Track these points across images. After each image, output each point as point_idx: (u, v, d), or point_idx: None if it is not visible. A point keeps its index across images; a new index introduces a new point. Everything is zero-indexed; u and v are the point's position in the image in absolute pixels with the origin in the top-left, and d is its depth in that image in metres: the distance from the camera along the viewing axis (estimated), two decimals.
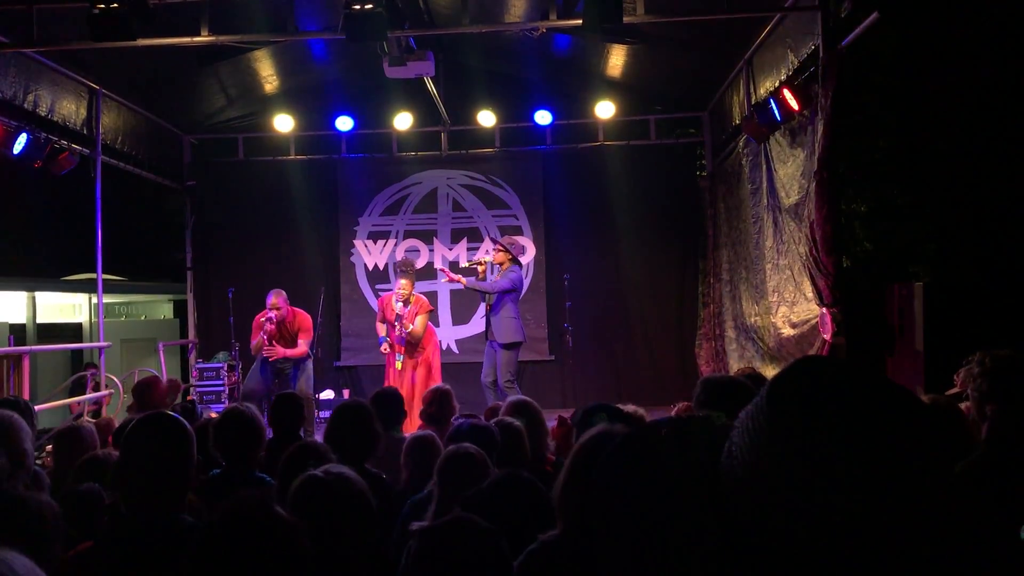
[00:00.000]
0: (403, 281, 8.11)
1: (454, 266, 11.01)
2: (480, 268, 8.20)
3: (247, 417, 3.53)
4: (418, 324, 8.06)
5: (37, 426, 4.16)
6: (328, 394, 10.22)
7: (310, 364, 8.22)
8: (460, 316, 10.96)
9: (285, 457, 3.15)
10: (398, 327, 8.03)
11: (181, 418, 2.52)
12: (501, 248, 8.09)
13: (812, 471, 0.89)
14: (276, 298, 7.98)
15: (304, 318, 8.16)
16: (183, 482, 2.43)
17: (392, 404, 4.82)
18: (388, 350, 8.18)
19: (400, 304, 8.07)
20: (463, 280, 8.07)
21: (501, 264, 8.07)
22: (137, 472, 2.40)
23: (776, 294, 8.20)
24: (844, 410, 0.91)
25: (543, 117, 10.66)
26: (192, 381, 10.30)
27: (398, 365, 8.03)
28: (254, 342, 7.96)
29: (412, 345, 8.12)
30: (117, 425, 4.88)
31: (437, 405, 5.04)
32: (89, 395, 9.00)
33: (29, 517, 2.29)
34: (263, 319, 7.92)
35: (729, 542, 0.95)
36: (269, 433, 4.05)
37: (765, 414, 0.94)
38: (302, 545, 1.80)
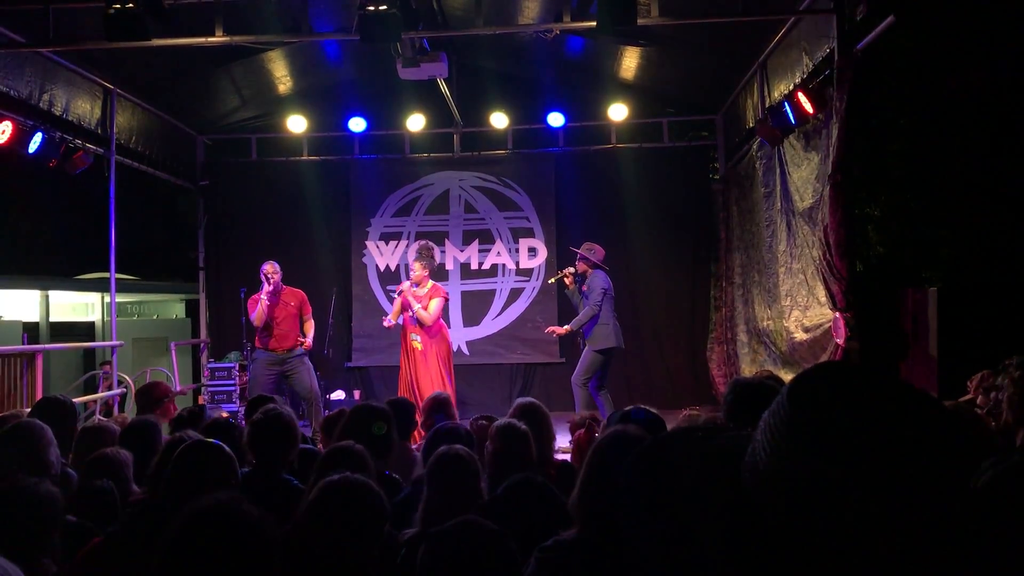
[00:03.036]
0: (416, 264, 8.13)
1: (466, 268, 11.02)
2: (568, 280, 8.25)
3: (284, 419, 3.53)
4: (431, 306, 8.03)
5: (80, 423, 4.20)
6: (339, 394, 10.23)
7: (308, 359, 8.29)
8: (471, 318, 10.96)
9: (321, 460, 3.14)
10: (410, 311, 8.02)
11: (226, 448, 2.83)
12: (581, 257, 8.15)
13: (832, 469, 0.90)
14: (273, 265, 8.20)
15: (301, 292, 8.41)
16: None
17: (404, 414, 4.81)
18: (394, 319, 8.16)
19: (411, 287, 8.06)
20: (567, 329, 8.16)
21: (584, 273, 8.14)
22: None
23: (789, 298, 8.17)
24: (864, 410, 0.92)
25: (556, 119, 10.65)
26: (203, 380, 10.33)
27: (417, 345, 8.02)
28: (254, 314, 8.08)
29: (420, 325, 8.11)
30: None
31: (436, 414, 5.01)
32: (101, 394, 9.04)
33: (27, 504, 2.49)
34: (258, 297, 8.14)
35: (751, 542, 0.96)
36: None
37: (787, 413, 0.95)
38: (270, 541, 1.83)
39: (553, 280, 8.93)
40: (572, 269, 8.30)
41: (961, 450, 0.92)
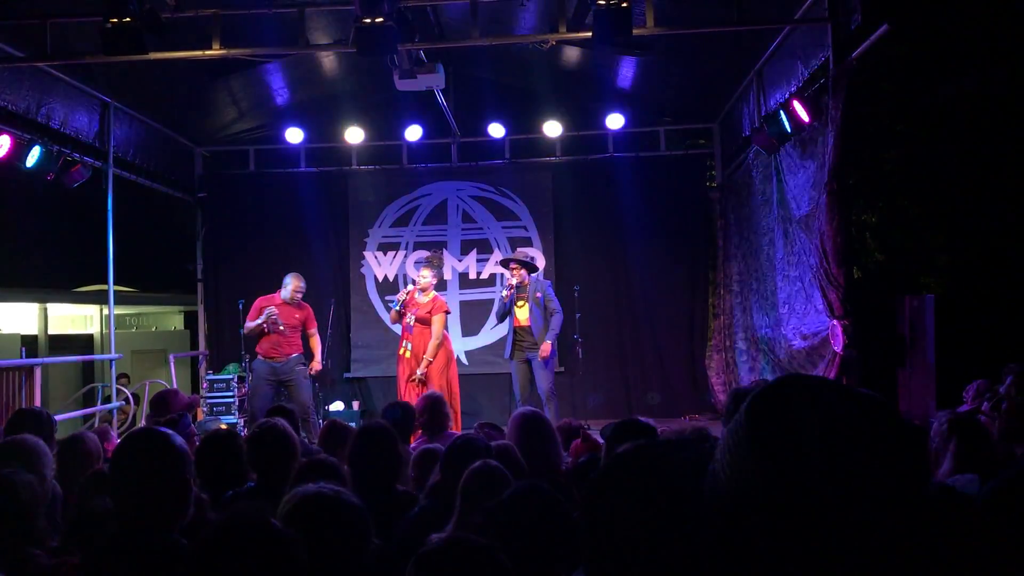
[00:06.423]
0: (424, 271, 8.15)
1: (464, 277, 11.02)
2: (506, 294, 8.26)
3: (281, 432, 3.52)
4: (435, 325, 8.04)
5: (56, 436, 4.18)
6: (338, 405, 10.22)
7: (306, 372, 8.27)
8: (470, 328, 10.95)
9: (296, 472, 3.15)
10: (409, 314, 8.05)
11: (172, 433, 2.39)
12: (516, 265, 8.15)
13: (790, 486, 0.90)
14: (300, 281, 8.17)
15: (307, 306, 8.37)
16: (175, 501, 2.28)
17: (403, 418, 4.82)
18: (396, 318, 8.28)
19: (416, 292, 8.10)
20: (549, 343, 8.15)
21: (523, 281, 8.19)
22: (126, 489, 2.29)
23: (786, 306, 8.18)
24: (820, 426, 0.92)
25: (553, 128, 10.66)
26: (202, 392, 10.31)
27: (405, 353, 8.05)
28: (251, 323, 8.02)
29: (422, 327, 8.10)
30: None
31: (428, 414, 5.04)
32: (107, 405, 9.04)
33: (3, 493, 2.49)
34: (268, 304, 8.05)
35: (715, 558, 0.96)
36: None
37: (745, 432, 0.95)
38: (299, 558, 1.81)
39: (506, 295, 8.52)
40: (514, 281, 8.25)
41: (917, 458, 0.93)
